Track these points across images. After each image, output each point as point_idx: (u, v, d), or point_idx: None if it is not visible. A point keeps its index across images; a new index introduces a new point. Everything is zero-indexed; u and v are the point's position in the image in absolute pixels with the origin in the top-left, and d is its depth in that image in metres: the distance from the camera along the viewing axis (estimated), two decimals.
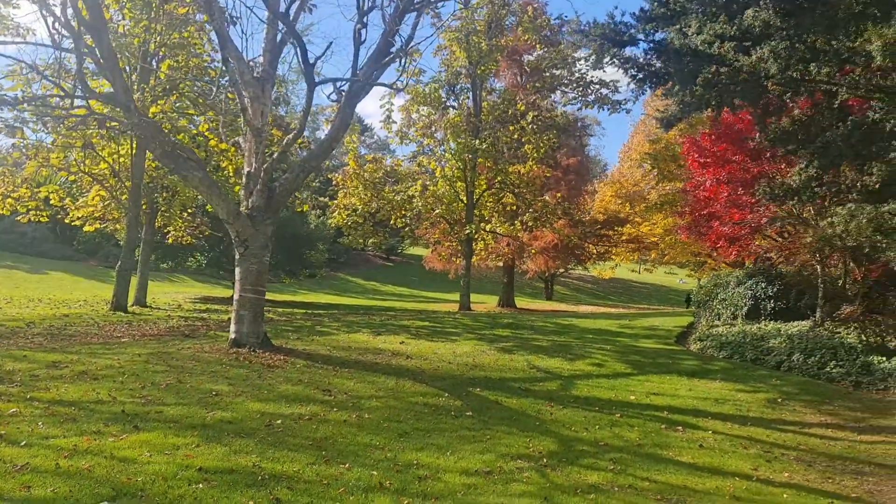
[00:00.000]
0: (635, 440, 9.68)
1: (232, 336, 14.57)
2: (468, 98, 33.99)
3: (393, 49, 14.43)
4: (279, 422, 9.63)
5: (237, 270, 14.56)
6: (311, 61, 13.57)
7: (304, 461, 7.96)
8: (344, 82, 14.11)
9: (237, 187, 20.50)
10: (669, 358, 15.62)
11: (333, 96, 15.18)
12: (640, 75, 11.54)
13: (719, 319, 20.00)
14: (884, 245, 10.19)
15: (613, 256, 45.75)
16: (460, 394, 11.97)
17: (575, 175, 41.26)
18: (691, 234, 20.37)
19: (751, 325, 17.57)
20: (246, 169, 14.80)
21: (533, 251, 37.84)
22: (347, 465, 7.91)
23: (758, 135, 12.88)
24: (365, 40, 13.89)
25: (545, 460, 8.58)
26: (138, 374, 11.97)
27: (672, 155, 31.61)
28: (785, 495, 7.56)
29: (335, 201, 34.76)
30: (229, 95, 17.53)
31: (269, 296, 22.41)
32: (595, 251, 43.25)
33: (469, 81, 34.03)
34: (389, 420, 10.09)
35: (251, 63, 14.71)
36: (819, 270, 17.15)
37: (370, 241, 35.97)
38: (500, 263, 43.33)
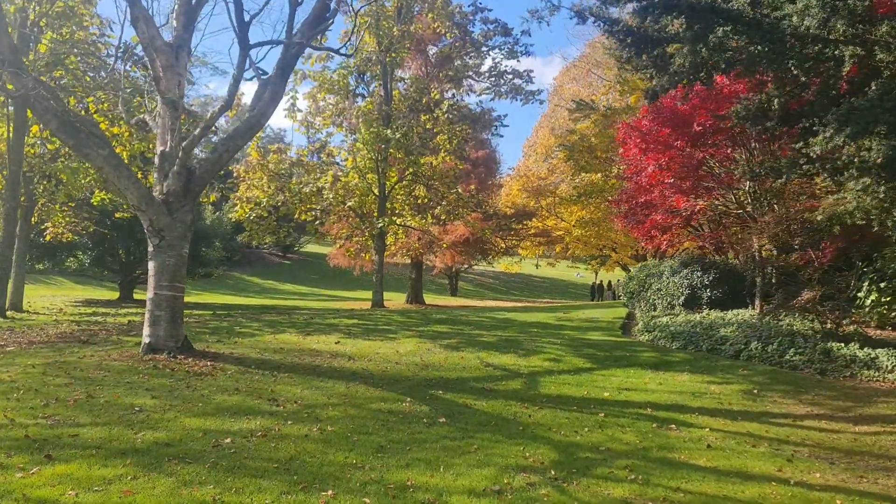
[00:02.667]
0: (636, 443, 8.72)
1: (146, 340, 12.63)
2: (379, 86, 32.52)
3: (329, 14, 12.90)
4: (228, 441, 8.04)
5: (151, 265, 12.63)
6: (246, 20, 11.84)
7: (276, 490, 6.49)
8: (275, 45, 12.44)
9: (139, 174, 18.22)
10: (625, 350, 14.90)
11: (250, 73, 13.47)
12: (629, 39, 10.64)
13: (655, 310, 19.62)
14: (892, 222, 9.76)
15: (521, 250, 45.48)
16: (423, 398, 10.68)
17: (484, 168, 40.58)
18: (629, 223, 19.87)
19: (695, 315, 17.18)
20: (159, 148, 12.88)
21: (444, 245, 36.80)
22: (332, 493, 6.51)
23: (738, 108, 12.23)
24: (302, 2, 12.29)
25: (553, 472, 7.45)
26: (37, 389, 10.00)
27: (588, 146, 31.44)
28: (838, 502, 6.74)
29: (236, 194, 32.45)
30: (134, 69, 15.39)
31: None
32: (504, 245, 42.78)
33: (379, 69, 32.57)
34: (356, 432, 8.69)
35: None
36: (758, 257, 16.96)
37: (275, 237, 33.84)
38: (408, 260, 42.12)
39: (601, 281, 49.33)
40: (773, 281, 16.31)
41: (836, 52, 8.69)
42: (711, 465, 7.88)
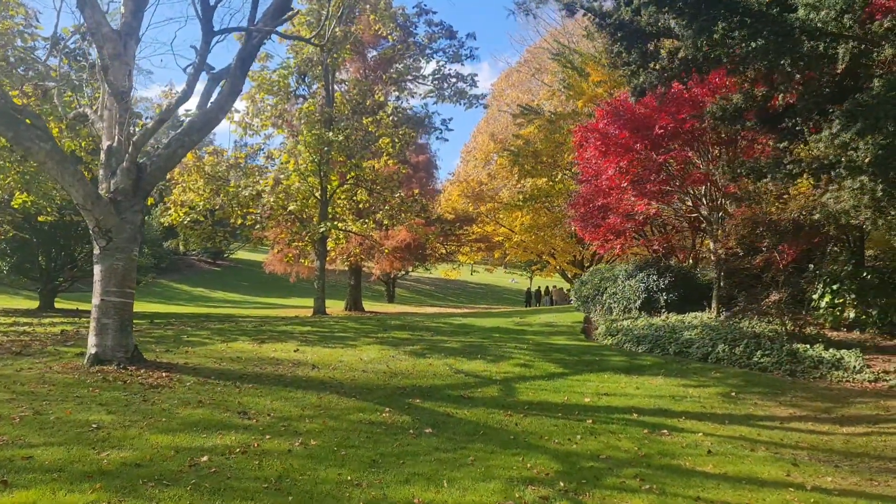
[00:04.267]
0: (635, 450, 8.41)
1: (92, 351, 11.63)
2: (321, 87, 31.69)
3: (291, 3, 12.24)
4: (205, 459, 7.33)
5: (97, 269, 11.66)
6: (212, 3, 11.03)
7: None
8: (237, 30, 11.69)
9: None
10: (594, 355, 14.67)
11: (190, 70, 12.67)
12: (620, 33, 10.37)
13: (611, 313, 19.55)
14: (887, 222, 9.77)
15: (460, 256, 45.20)
16: (401, 407, 10.14)
17: (424, 173, 40.14)
18: (586, 226, 19.76)
19: (655, 318, 17.16)
20: (106, 143, 11.93)
21: (386, 251, 36.13)
22: None
23: (715, 107, 12.15)
24: None
25: (562, 484, 7.05)
26: None
27: (533, 151, 31.38)
28: None
29: (170, 197, 30.98)
30: (66, 62, 14.29)
31: (87, 306, 18.82)
32: (444, 250, 42.41)
33: (321, 70, 31.76)
34: (342, 445, 8.10)
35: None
36: (714, 259, 17.09)
37: (211, 242, 32.50)
38: (345, 266, 41.24)
39: (538, 287, 49.55)
40: (730, 284, 16.42)
41: (836, 48, 8.67)
42: (720, 471, 7.64)
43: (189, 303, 44.47)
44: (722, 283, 17.06)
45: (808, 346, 13.59)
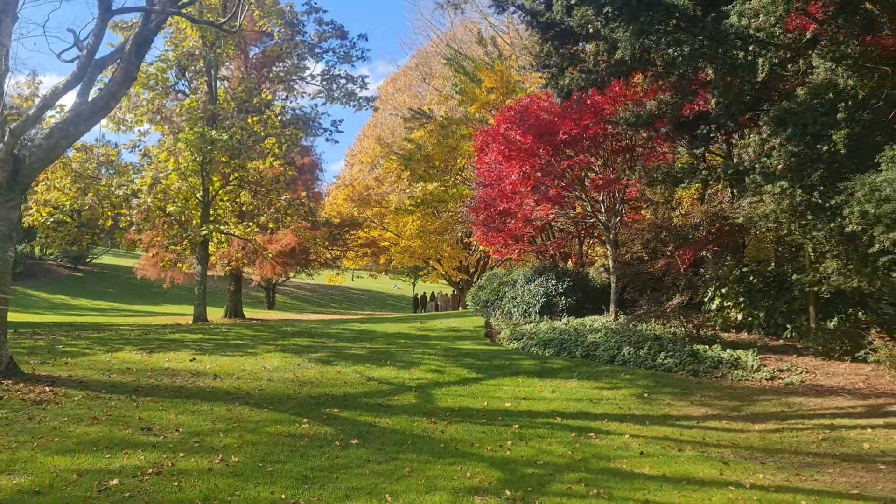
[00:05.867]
0: (569, 455, 8.30)
1: None
2: (203, 83, 30.12)
3: None
4: (115, 482, 6.55)
5: None
6: None
7: None
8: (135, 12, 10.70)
9: None
10: (504, 359, 14.56)
11: (73, 52, 11.60)
12: (550, 32, 10.26)
13: (511, 317, 19.62)
14: (801, 226, 10.19)
15: (345, 261, 44.37)
16: (319, 417, 9.58)
17: (309, 175, 39.11)
18: (487, 231, 19.73)
19: (557, 322, 17.34)
20: None
21: (270, 255, 34.81)
22: None
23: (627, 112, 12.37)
24: None
25: (509, 493, 6.81)
26: None
27: (425, 156, 31.23)
28: (804, 502, 6.71)
29: (32, 196, 28.42)
30: None
31: None
32: (329, 255, 41.47)
33: (203, 65, 30.20)
34: (268, 461, 7.49)
35: None
36: (612, 264, 17.51)
37: (77, 245, 30.14)
38: (222, 272, 39.45)
39: (423, 293, 49.46)
40: (633, 288, 16.86)
41: (762, 56, 9.00)
42: (658, 472, 7.63)
43: (49, 311, 41.04)
44: (618, 287, 17.49)
45: (707, 346, 14.12)
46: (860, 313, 14.73)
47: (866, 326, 14.12)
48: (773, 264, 16.86)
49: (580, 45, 10.48)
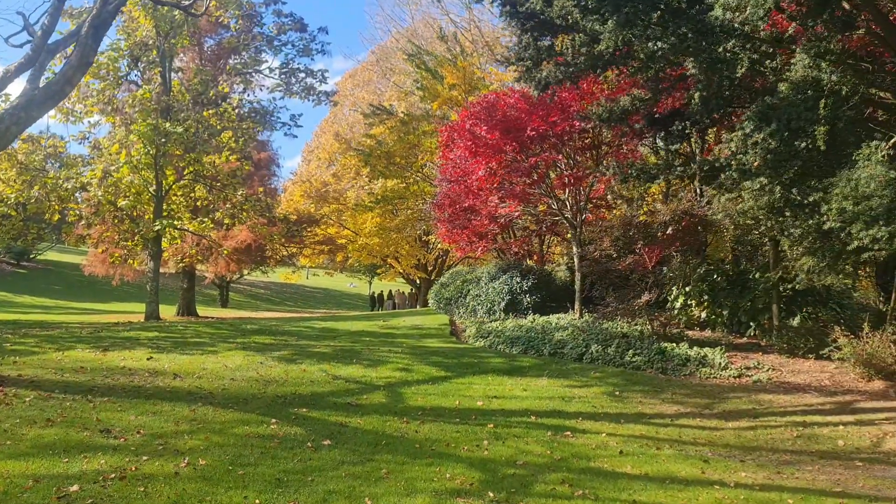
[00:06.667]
0: (548, 454, 8.13)
1: None
2: (157, 74, 29.20)
3: None
4: (76, 488, 6.16)
5: None
6: None
7: None
8: None
9: None
10: (471, 357, 14.34)
11: (22, 37, 11.03)
12: (529, 24, 10.04)
13: (475, 315, 19.42)
14: (779, 223, 10.19)
15: (302, 258, 43.67)
16: (288, 418, 9.23)
17: (266, 170, 38.37)
18: (452, 227, 19.49)
19: (523, 320, 17.19)
20: None
21: (226, 252, 34.02)
22: None
23: (598, 107, 12.28)
24: None
25: (492, 494, 6.60)
26: None
27: (386, 152, 30.84)
28: (790, 501, 6.65)
29: None
30: None
31: None
32: (286, 252, 40.75)
33: (157, 55, 29.28)
34: (237, 464, 7.14)
35: None
36: (577, 262, 17.46)
37: (22, 239, 29.02)
38: (177, 269, 38.45)
39: (379, 291, 49.00)
40: (600, 286, 16.82)
41: (744, 51, 8.98)
42: (640, 472, 7.51)
43: None
44: (584, 285, 17.45)
45: (674, 344, 14.13)
46: (820, 312, 14.97)
47: (824, 325, 14.32)
48: (736, 263, 17.05)
49: (559, 37, 10.32)
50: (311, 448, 7.89)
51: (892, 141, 8.80)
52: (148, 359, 12.59)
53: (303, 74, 31.94)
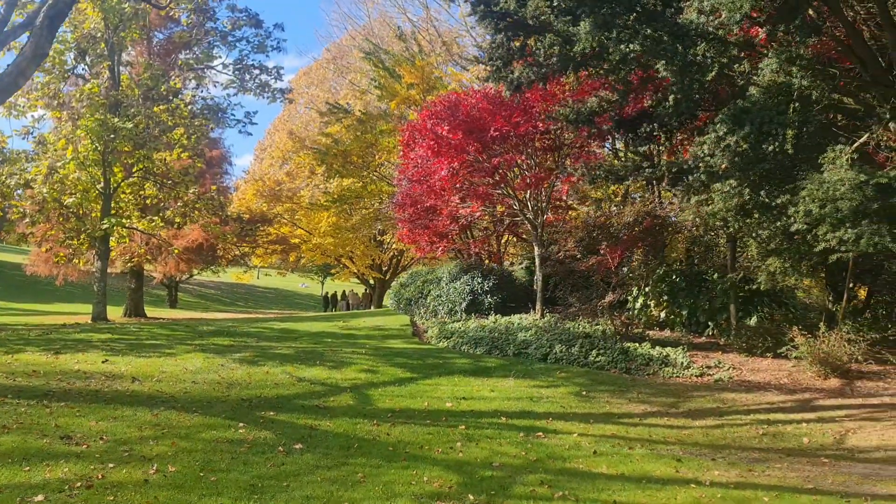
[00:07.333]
0: (523, 455, 8.11)
1: None
2: (106, 67, 28.34)
3: None
4: (40, 498, 5.91)
5: None
6: None
7: None
8: None
9: None
10: (436, 358, 14.23)
11: None
12: (502, 24, 9.97)
13: (436, 315, 19.33)
14: (747, 225, 10.35)
15: (254, 258, 42.94)
16: (255, 421, 9.01)
17: (218, 168, 37.62)
18: (414, 228, 19.35)
19: (486, 320, 17.15)
20: None
21: (176, 251, 33.21)
22: None
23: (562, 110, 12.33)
24: None
25: (472, 497, 6.54)
26: None
27: (343, 151, 30.52)
28: (766, 498, 6.74)
29: None
30: None
31: None
32: (238, 252, 40.00)
33: (105, 48, 28.43)
34: (209, 470, 6.93)
35: None
36: (538, 262, 17.53)
37: None
38: (125, 268, 37.41)
39: (333, 291, 48.51)
40: (565, 286, 16.92)
41: (718, 55, 9.11)
42: (616, 472, 7.54)
43: None
44: (545, 285, 17.53)
45: (636, 344, 14.28)
46: (775, 312, 15.34)
47: (778, 324, 14.68)
48: (690, 263, 17.34)
49: (532, 37, 10.31)
50: (282, 452, 7.71)
51: (855, 145, 9.05)
52: (103, 362, 12.16)
53: (257, 71, 31.37)
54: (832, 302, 15.10)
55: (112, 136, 26.92)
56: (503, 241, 23.61)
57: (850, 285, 14.65)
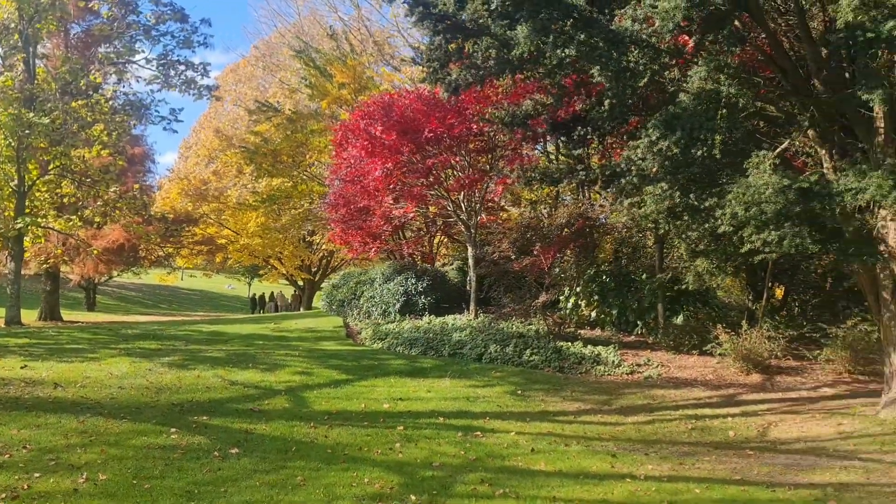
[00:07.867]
0: (463, 455, 8.17)
1: None
2: (20, 60, 27.04)
3: None
4: None
5: None
6: None
7: None
8: None
9: None
10: (371, 359, 14.13)
11: None
12: (441, 26, 9.93)
13: (370, 317, 19.20)
14: (677, 227, 10.64)
15: (179, 259, 41.71)
16: (188, 426, 8.77)
17: (140, 167, 36.34)
18: (347, 228, 19.16)
19: (421, 321, 17.14)
20: None
21: (95, 251, 31.98)
22: None
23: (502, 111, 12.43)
24: None
25: (414, 497, 6.55)
26: None
27: (272, 150, 29.97)
28: (697, 490, 6.96)
29: None
30: None
31: None
32: (161, 253, 38.76)
33: (19, 39, 27.15)
34: (142, 477, 6.72)
35: None
36: (471, 263, 17.66)
37: None
38: (39, 270, 35.80)
39: (262, 293, 47.56)
40: (499, 287, 17.08)
41: (651, 62, 9.36)
42: (554, 468, 7.66)
43: None
44: (479, 286, 17.67)
45: (569, 343, 14.55)
46: (700, 311, 15.90)
47: (703, 323, 15.22)
48: (618, 263, 17.79)
49: (470, 40, 10.38)
50: (218, 457, 7.53)
51: (777, 151, 9.48)
52: (22, 367, 11.62)
53: (183, 67, 30.37)
54: (752, 301, 15.72)
55: (27, 131, 25.76)
56: (436, 241, 23.71)
57: (769, 285, 15.32)
